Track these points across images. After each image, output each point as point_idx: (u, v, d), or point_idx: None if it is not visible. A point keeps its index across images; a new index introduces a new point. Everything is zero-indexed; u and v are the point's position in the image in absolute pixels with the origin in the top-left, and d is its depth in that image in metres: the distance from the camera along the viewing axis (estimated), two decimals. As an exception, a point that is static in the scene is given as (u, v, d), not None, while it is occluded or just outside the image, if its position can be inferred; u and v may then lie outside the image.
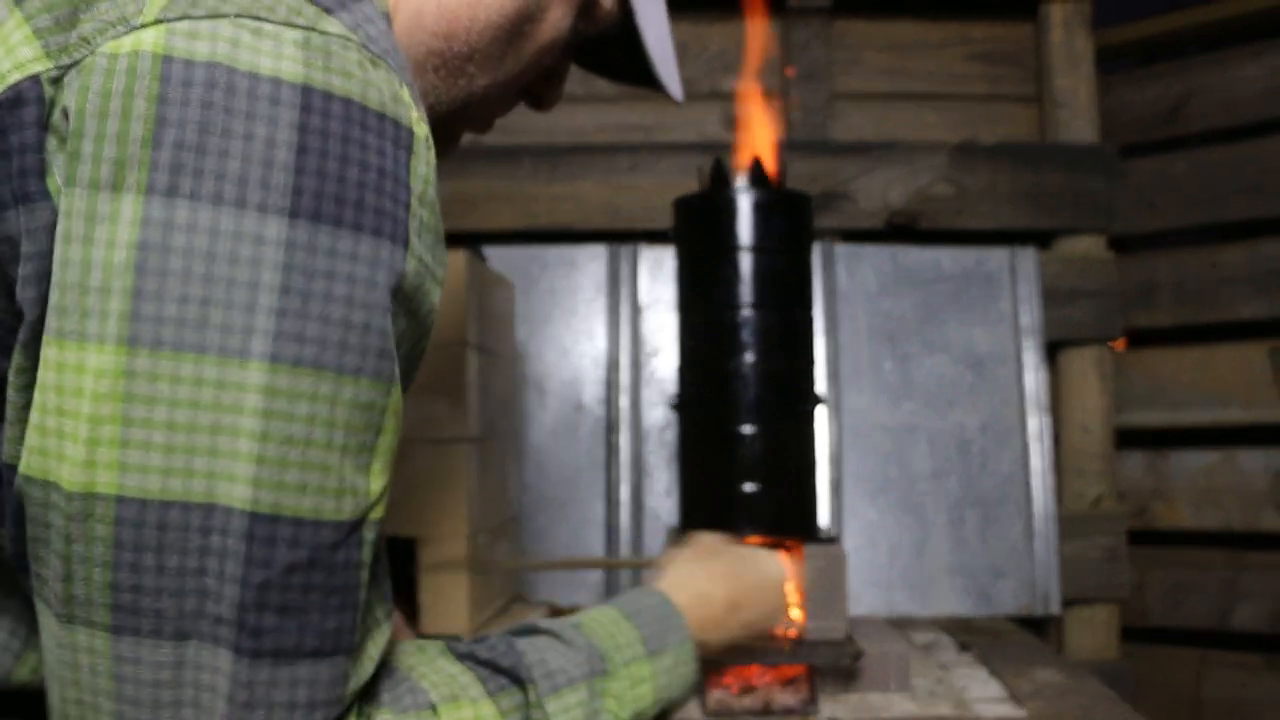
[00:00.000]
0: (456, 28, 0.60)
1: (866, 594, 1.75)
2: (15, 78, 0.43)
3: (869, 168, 1.90)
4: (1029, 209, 1.89)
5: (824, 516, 1.75)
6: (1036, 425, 1.82)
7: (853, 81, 1.98)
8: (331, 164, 0.43)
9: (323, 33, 0.45)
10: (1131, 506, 1.93)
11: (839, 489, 1.79)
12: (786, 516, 1.28)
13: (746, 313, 1.26)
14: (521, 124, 1.97)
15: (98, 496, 0.41)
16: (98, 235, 0.41)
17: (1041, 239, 1.90)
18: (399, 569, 1.27)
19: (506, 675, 0.54)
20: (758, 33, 1.43)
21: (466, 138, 0.74)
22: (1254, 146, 1.91)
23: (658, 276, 1.86)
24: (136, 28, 0.43)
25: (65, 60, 0.43)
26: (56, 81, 0.43)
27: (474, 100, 0.65)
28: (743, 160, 1.30)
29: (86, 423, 0.41)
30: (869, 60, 1.98)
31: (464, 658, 0.55)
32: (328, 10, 0.46)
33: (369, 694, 0.49)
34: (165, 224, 0.41)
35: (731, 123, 1.93)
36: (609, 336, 1.84)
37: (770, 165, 1.28)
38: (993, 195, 1.89)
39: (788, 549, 1.28)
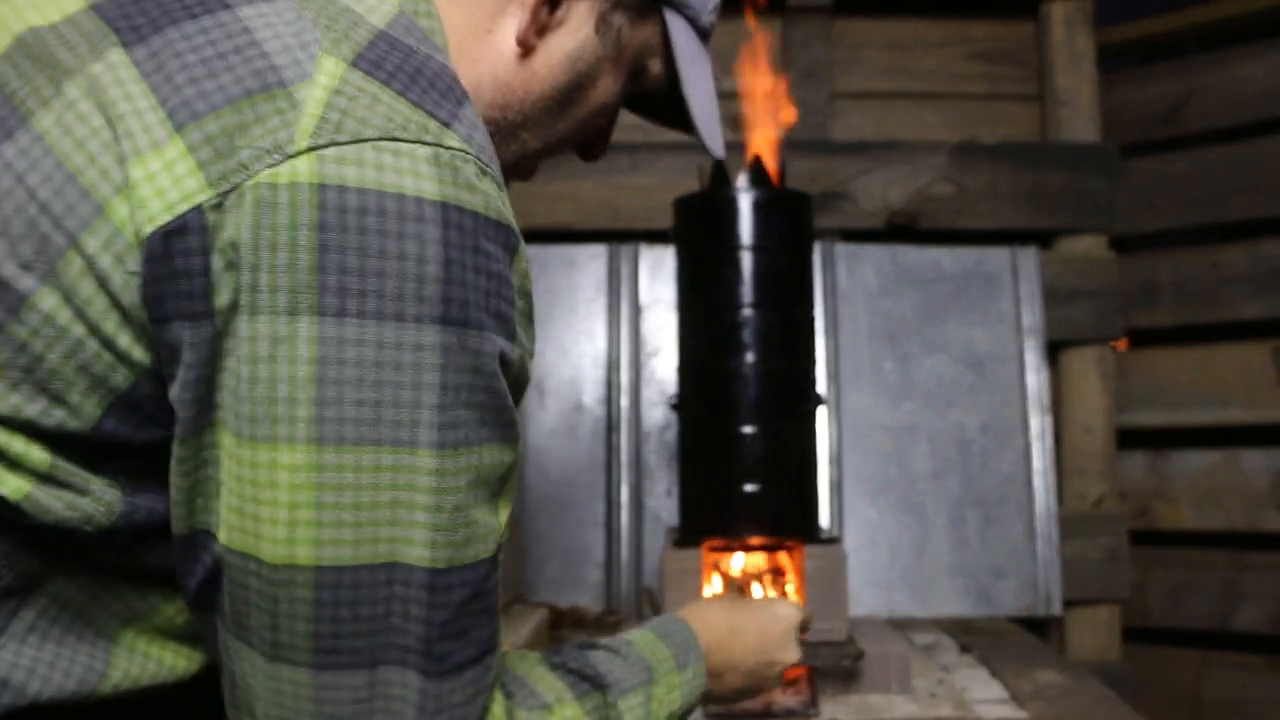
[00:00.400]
0: (511, 99, 0.65)
1: (867, 594, 1.74)
2: (183, 208, 0.47)
3: (869, 167, 1.89)
4: (1029, 209, 1.89)
5: (824, 517, 1.74)
6: (1037, 425, 1.82)
7: (853, 81, 1.97)
8: (470, 275, 0.50)
9: (448, 148, 0.50)
10: (1133, 507, 1.92)
11: (839, 489, 1.79)
12: (787, 517, 1.27)
13: (746, 312, 1.25)
14: (521, 123, 1.97)
15: (298, 568, 0.49)
16: (280, 354, 0.48)
17: (1042, 239, 1.90)
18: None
19: (589, 682, 0.66)
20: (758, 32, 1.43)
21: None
22: (1255, 146, 1.91)
23: (658, 276, 1.86)
24: (290, 155, 0.47)
25: (225, 186, 0.47)
26: (218, 207, 0.48)
27: (525, 158, 0.70)
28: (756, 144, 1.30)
29: (285, 509, 0.48)
30: (869, 59, 1.98)
31: (556, 668, 0.66)
32: (446, 124, 0.51)
33: (502, 688, 0.59)
34: (338, 341, 0.48)
35: (732, 122, 1.93)
36: (609, 336, 1.84)
37: (770, 164, 1.28)
38: (993, 195, 1.89)
39: (788, 549, 1.28)
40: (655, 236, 1.85)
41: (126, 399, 0.50)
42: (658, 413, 1.82)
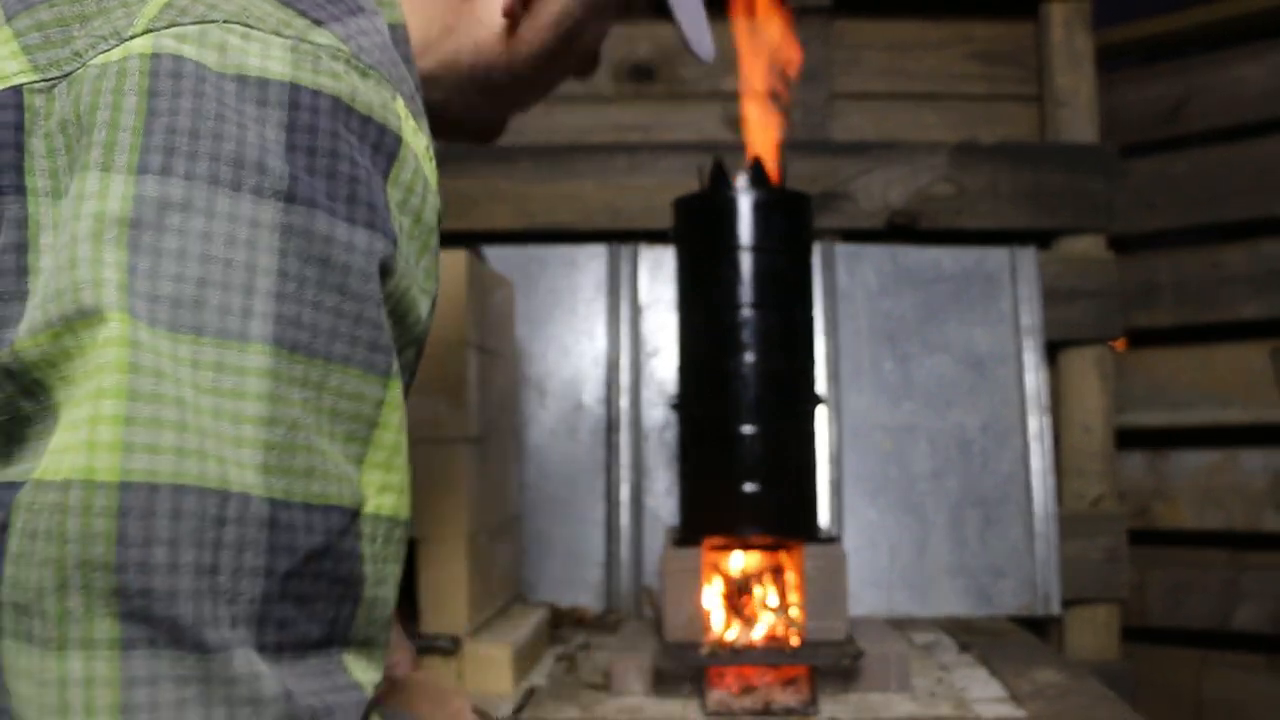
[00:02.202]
0: (497, 64, 0.63)
1: (867, 594, 1.74)
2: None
3: (869, 167, 1.90)
4: (1029, 209, 1.89)
5: (824, 516, 1.75)
6: (1037, 425, 1.82)
7: (852, 81, 1.97)
8: (322, 159, 0.43)
9: (312, 43, 0.45)
10: (1132, 507, 1.92)
11: (839, 489, 1.79)
12: (786, 516, 1.27)
13: (746, 312, 1.26)
14: (520, 124, 1.96)
15: (98, 484, 0.37)
16: (87, 211, 0.40)
17: (1042, 239, 1.90)
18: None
19: None
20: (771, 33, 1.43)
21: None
22: (1254, 146, 1.91)
23: (658, 276, 1.86)
24: (127, 39, 0.43)
25: (55, 73, 0.44)
26: (44, 93, 0.44)
27: (519, 103, 0.70)
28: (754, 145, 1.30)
29: (88, 402, 0.38)
30: (869, 60, 1.98)
31: None
32: (318, 23, 0.46)
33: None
34: (160, 202, 0.40)
35: (732, 122, 1.93)
36: (609, 336, 1.84)
37: (770, 164, 1.28)
38: (993, 195, 1.89)
39: (788, 549, 1.28)
40: (655, 236, 1.85)
41: None
42: (658, 413, 1.82)
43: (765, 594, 1.28)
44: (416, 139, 0.49)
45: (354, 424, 0.44)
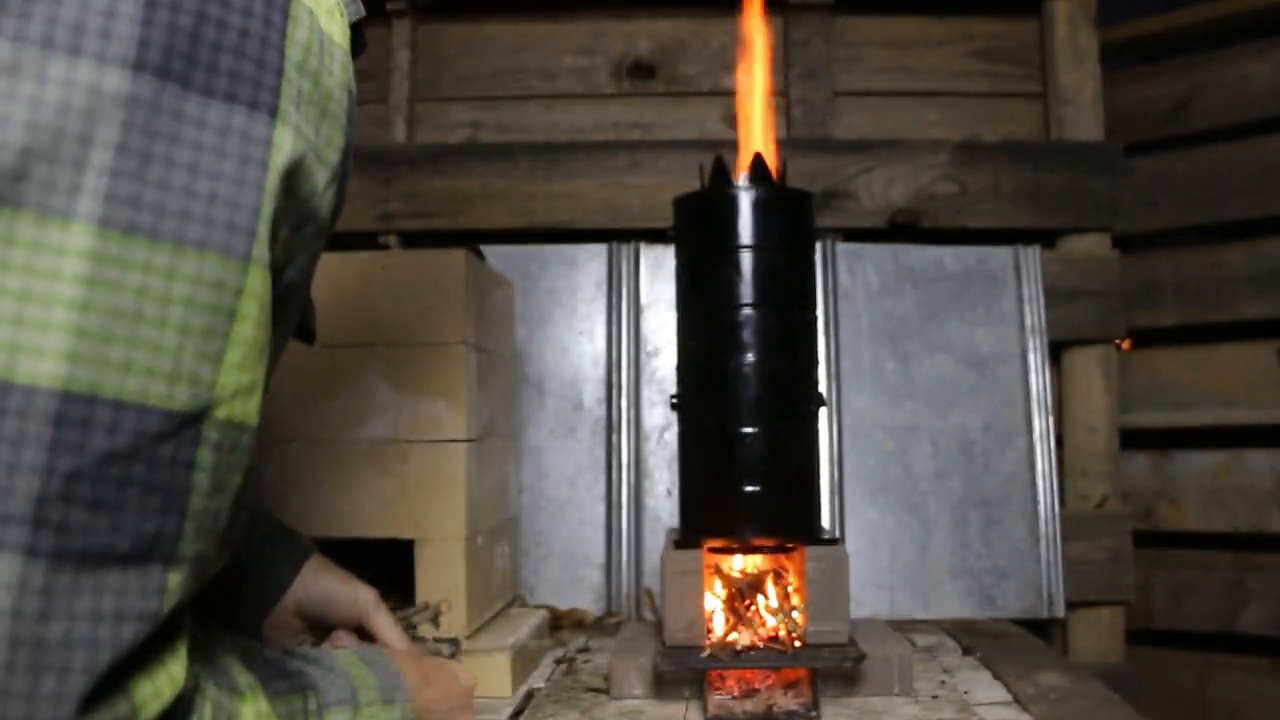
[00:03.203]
0: None
1: (868, 596, 1.73)
2: None
3: (870, 166, 1.88)
4: (1032, 208, 1.88)
5: (825, 517, 1.73)
6: (1040, 425, 1.81)
7: (854, 79, 1.96)
8: (185, 19, 0.39)
9: None
10: (1136, 507, 1.91)
11: (840, 489, 1.78)
12: (787, 517, 1.26)
13: (747, 312, 1.24)
14: (519, 122, 1.96)
15: None
16: None
17: (1045, 238, 1.89)
18: (398, 569, 1.26)
19: (286, 680, 0.55)
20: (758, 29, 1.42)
21: (462, 137, 0.74)
22: (1258, 145, 1.90)
23: (658, 276, 1.85)
24: None
25: None
26: None
27: None
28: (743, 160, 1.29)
29: None
30: (870, 57, 1.97)
31: (247, 654, 0.54)
32: None
33: (196, 652, 0.45)
34: None
35: (732, 120, 1.92)
36: (609, 336, 1.83)
37: (771, 162, 1.27)
38: (995, 194, 1.88)
39: (789, 550, 1.27)
40: (655, 236, 1.84)
41: None
42: (658, 413, 1.81)
43: (766, 596, 1.26)
44: None
45: (212, 316, 0.40)
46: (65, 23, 0.37)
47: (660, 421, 1.81)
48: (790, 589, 1.26)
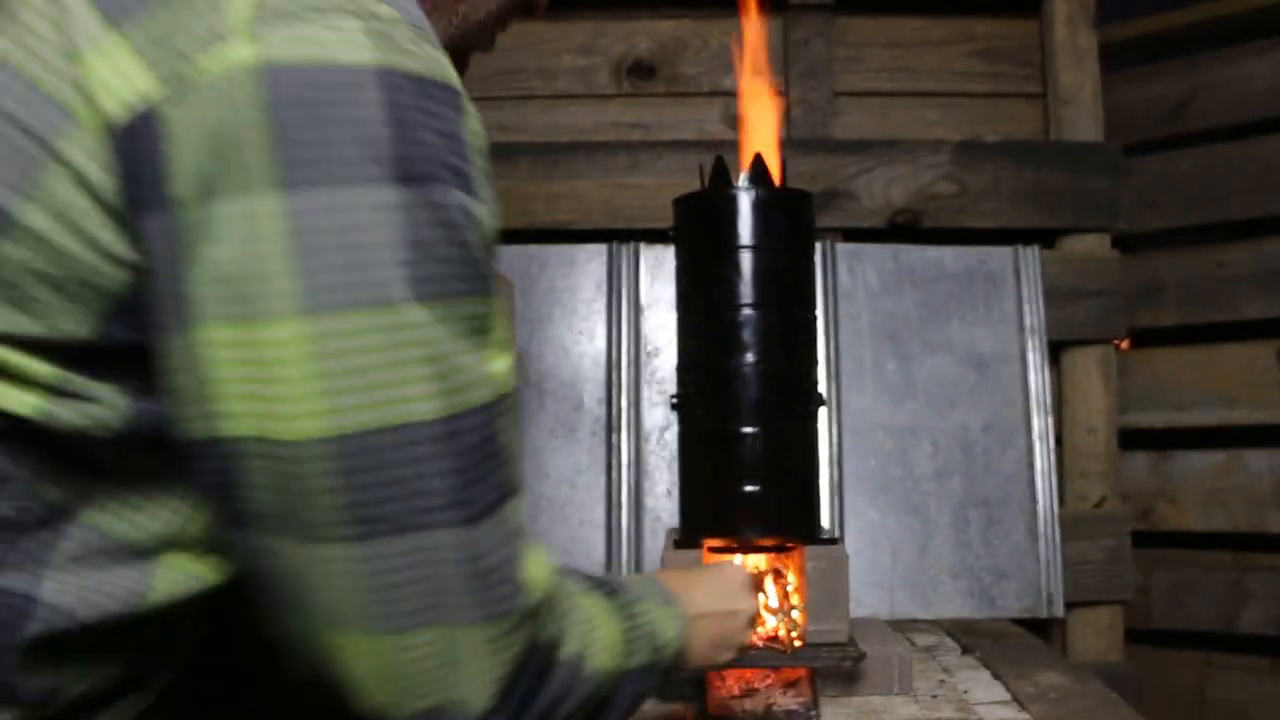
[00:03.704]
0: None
1: (868, 595, 1.73)
2: (140, 107, 0.49)
3: (871, 166, 1.89)
4: (1032, 208, 1.88)
5: (825, 517, 1.74)
6: (1040, 426, 1.81)
7: (854, 79, 1.96)
8: (421, 134, 0.51)
9: (379, 18, 0.52)
10: (1136, 508, 1.91)
11: (840, 489, 1.78)
12: (787, 517, 1.26)
13: (747, 312, 1.24)
14: (520, 122, 1.96)
15: (317, 441, 0.49)
16: (250, 232, 0.49)
17: (1045, 238, 1.89)
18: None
19: (599, 587, 0.70)
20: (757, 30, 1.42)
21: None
22: (1259, 144, 1.89)
23: (658, 276, 1.85)
24: (228, 41, 0.49)
25: (177, 83, 0.49)
26: (170, 100, 0.49)
27: (471, 31, 0.72)
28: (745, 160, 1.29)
29: (291, 384, 0.49)
30: (871, 57, 1.97)
31: (558, 571, 0.65)
32: None
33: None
34: (302, 211, 0.49)
35: (733, 120, 1.92)
36: (609, 336, 1.83)
37: (771, 162, 1.27)
38: (995, 194, 1.88)
39: (789, 550, 1.27)
40: (655, 236, 1.84)
41: (125, 302, 0.51)
42: (658, 413, 1.81)
43: (766, 596, 1.27)
44: (461, 87, 0.56)
45: (480, 335, 0.54)
46: (344, 161, 0.50)
47: (660, 421, 1.81)
48: (790, 588, 1.27)
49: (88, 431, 0.52)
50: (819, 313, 1.37)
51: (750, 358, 1.24)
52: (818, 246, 1.76)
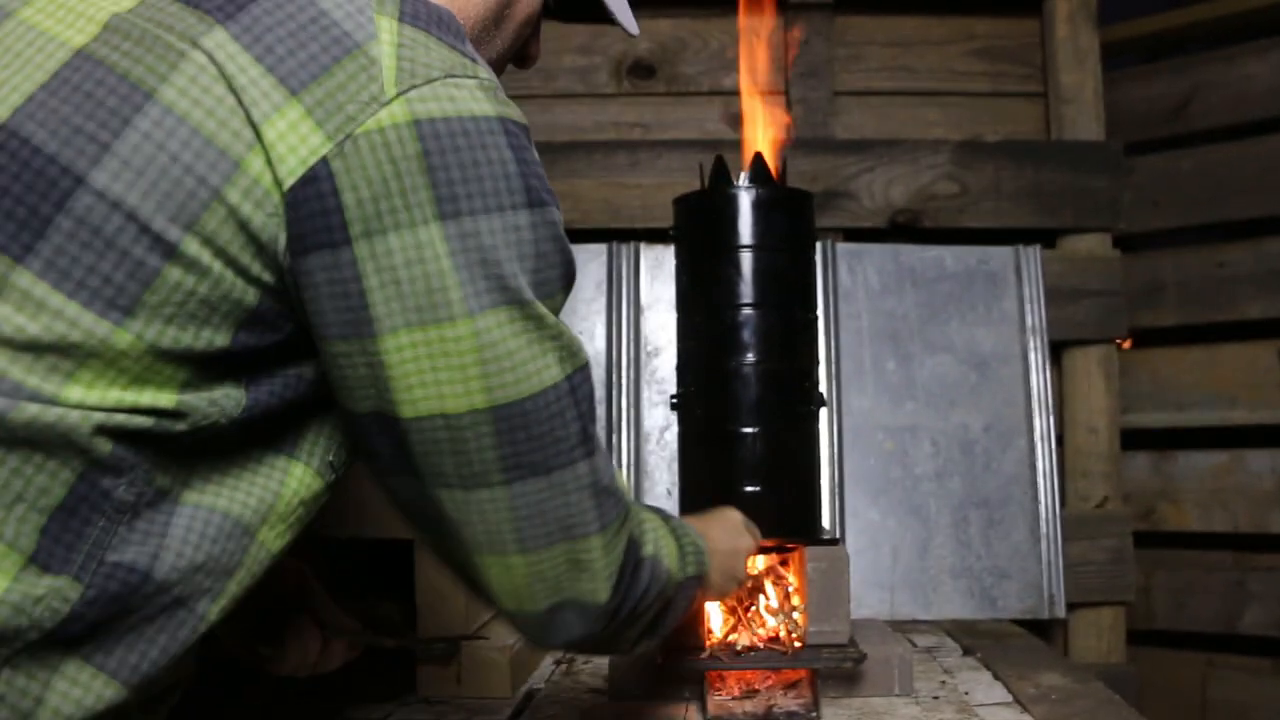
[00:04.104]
0: None
1: (869, 596, 1.73)
2: (312, 160, 0.60)
3: (871, 165, 1.88)
4: (1033, 207, 1.87)
5: (826, 518, 1.73)
6: (1041, 426, 1.80)
7: (855, 78, 1.96)
8: (529, 167, 0.66)
9: (483, 78, 0.65)
10: (1137, 508, 1.91)
11: (841, 490, 1.78)
12: (788, 518, 1.26)
13: (747, 312, 1.24)
14: (520, 122, 1.95)
15: (479, 411, 0.65)
16: (425, 255, 0.62)
17: (1045, 238, 1.89)
18: (396, 570, 1.26)
19: (656, 512, 0.85)
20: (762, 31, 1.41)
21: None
22: (1260, 144, 1.89)
23: (658, 276, 1.84)
24: (385, 103, 0.61)
25: (340, 137, 0.60)
26: (339, 155, 0.60)
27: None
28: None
29: (460, 370, 0.64)
30: (871, 56, 1.97)
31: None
32: (474, 60, 0.66)
33: None
34: (461, 235, 0.63)
35: (733, 119, 1.92)
36: (609, 336, 1.82)
37: (772, 162, 1.27)
38: (996, 193, 1.87)
39: (788, 551, 1.27)
40: (655, 235, 1.83)
41: (254, 314, 0.63)
42: (658, 413, 1.81)
43: (766, 597, 1.26)
44: None
45: (557, 326, 0.69)
46: (489, 193, 0.64)
47: (660, 421, 1.81)
48: (790, 589, 1.26)
49: (212, 420, 0.62)
50: (819, 313, 1.36)
51: (750, 358, 1.24)
52: (818, 246, 1.75)
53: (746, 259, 1.24)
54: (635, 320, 1.83)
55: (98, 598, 0.60)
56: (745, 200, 1.25)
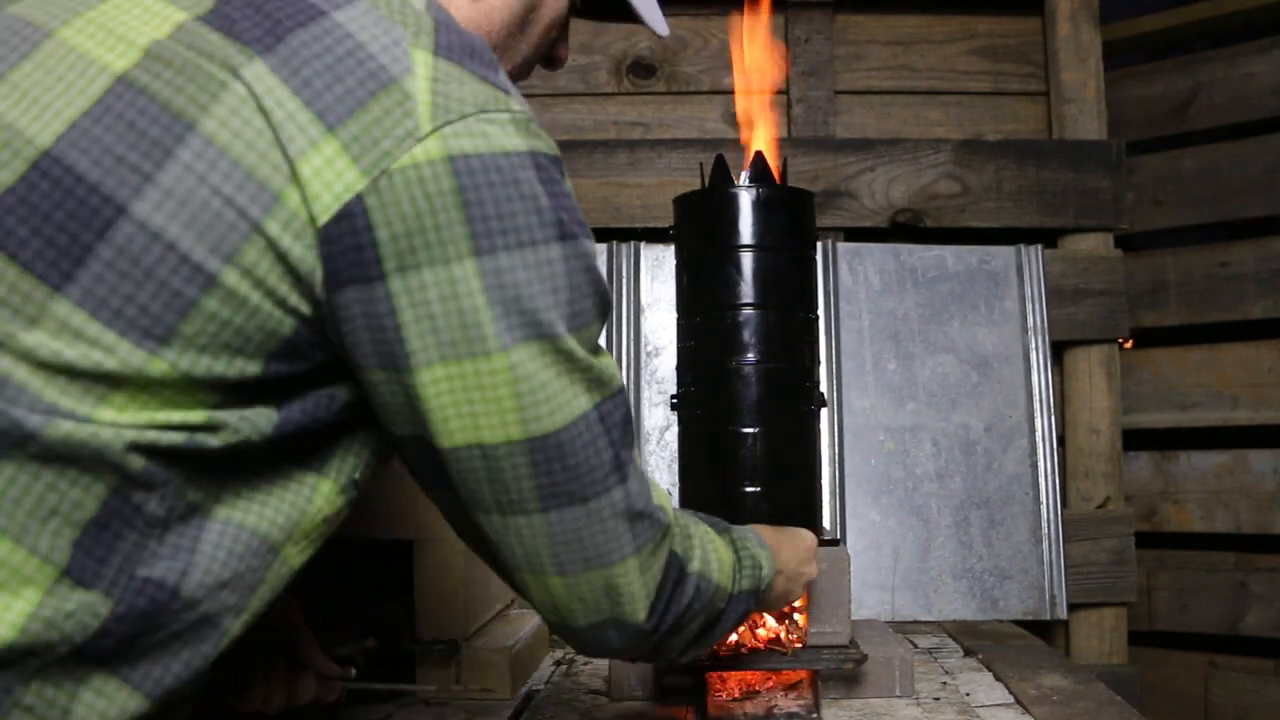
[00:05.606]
0: (479, 33, 0.76)
1: (869, 597, 1.72)
2: (347, 197, 0.60)
3: (872, 165, 1.88)
4: (1034, 207, 1.87)
5: (826, 518, 1.73)
6: (1042, 426, 1.80)
7: (856, 77, 1.95)
8: (560, 199, 0.66)
9: (516, 111, 0.66)
10: (1139, 508, 1.90)
11: (841, 490, 1.77)
12: (788, 518, 1.25)
13: (748, 312, 1.24)
14: (520, 121, 1.95)
15: (515, 443, 0.66)
16: (459, 290, 0.63)
17: (1047, 237, 1.88)
18: (395, 571, 1.25)
19: (712, 525, 0.86)
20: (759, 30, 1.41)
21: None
22: (1262, 143, 1.89)
23: (658, 275, 1.84)
24: (420, 139, 0.61)
25: (376, 172, 0.61)
26: (374, 191, 0.61)
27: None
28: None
29: (496, 402, 0.65)
30: (872, 55, 1.96)
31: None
32: (506, 92, 0.66)
33: None
34: (495, 270, 0.64)
35: (733, 119, 1.91)
36: (609, 336, 1.82)
37: (772, 161, 1.26)
38: (998, 193, 1.87)
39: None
40: (655, 235, 1.83)
41: (288, 343, 0.63)
42: (658, 413, 1.81)
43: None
44: None
45: (593, 354, 0.70)
46: (521, 228, 0.64)
47: (660, 421, 1.81)
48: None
49: (244, 436, 0.63)
50: (820, 312, 1.36)
51: (751, 358, 1.23)
52: (819, 246, 1.75)
53: (747, 258, 1.24)
54: (635, 320, 1.83)
55: (127, 614, 0.60)
56: (746, 199, 1.24)
